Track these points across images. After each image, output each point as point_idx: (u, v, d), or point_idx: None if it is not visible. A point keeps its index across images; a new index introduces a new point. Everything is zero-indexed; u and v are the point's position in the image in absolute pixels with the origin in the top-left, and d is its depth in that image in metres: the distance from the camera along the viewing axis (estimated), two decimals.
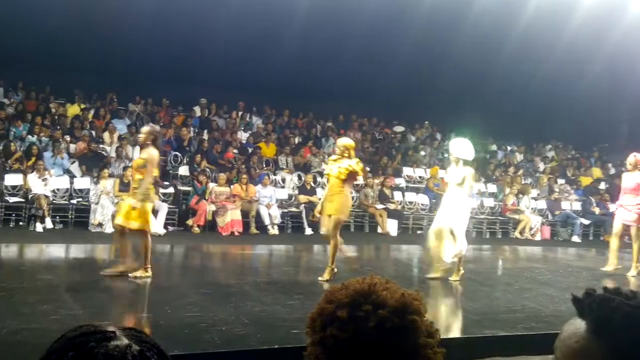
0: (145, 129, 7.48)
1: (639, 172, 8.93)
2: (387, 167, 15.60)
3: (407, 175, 15.95)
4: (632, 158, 9.06)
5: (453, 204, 7.77)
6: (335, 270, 7.42)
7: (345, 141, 7.64)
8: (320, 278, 7.38)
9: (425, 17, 15.92)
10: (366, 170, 13.59)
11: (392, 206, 14.06)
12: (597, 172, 18.67)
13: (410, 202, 14.76)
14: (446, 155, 17.69)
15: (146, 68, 15.34)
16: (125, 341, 1.00)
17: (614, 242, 9.14)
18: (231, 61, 15.90)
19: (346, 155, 7.37)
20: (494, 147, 19.27)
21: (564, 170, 18.34)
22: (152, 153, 6.99)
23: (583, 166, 18.90)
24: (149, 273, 7.01)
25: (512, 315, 6.42)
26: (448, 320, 5.89)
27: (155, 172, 7.09)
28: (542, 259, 11.43)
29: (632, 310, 1.18)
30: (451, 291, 7.50)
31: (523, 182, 16.49)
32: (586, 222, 15.41)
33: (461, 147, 8.04)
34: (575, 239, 14.99)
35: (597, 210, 15.64)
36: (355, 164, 7.35)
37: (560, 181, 17.14)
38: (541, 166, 18.51)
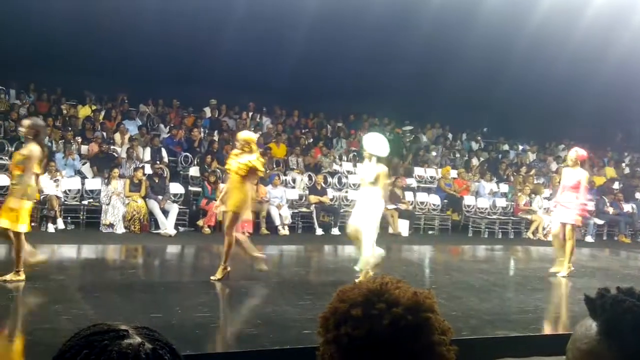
0: (26, 122, 6.86)
1: (581, 169, 8.39)
2: (398, 167, 15.55)
3: (418, 175, 15.89)
4: (574, 153, 8.50)
5: (364, 204, 7.31)
6: (229, 269, 6.98)
7: (245, 135, 7.27)
8: (212, 277, 6.96)
9: (435, 16, 15.87)
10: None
11: (403, 206, 14.00)
12: (610, 171, 18.52)
13: (422, 202, 14.70)
14: (458, 155, 17.62)
15: (157, 69, 15.39)
16: (138, 339, 1.00)
17: (556, 243, 8.67)
18: (241, 62, 15.92)
19: (247, 149, 6.99)
20: (505, 147, 19.16)
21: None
22: (33, 149, 6.47)
23: (596, 166, 18.74)
24: (22, 277, 6.48)
25: (525, 316, 6.37)
26: (460, 321, 5.83)
27: (37, 169, 6.55)
28: (554, 260, 11.33)
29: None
30: (463, 291, 7.45)
31: (535, 181, 16.37)
32: (600, 222, 15.27)
33: (374, 142, 7.48)
34: (589, 239, 14.86)
35: (610, 210, 15.50)
36: (255, 159, 6.96)
37: None
38: (553, 166, 18.38)
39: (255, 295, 6.50)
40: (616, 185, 17.24)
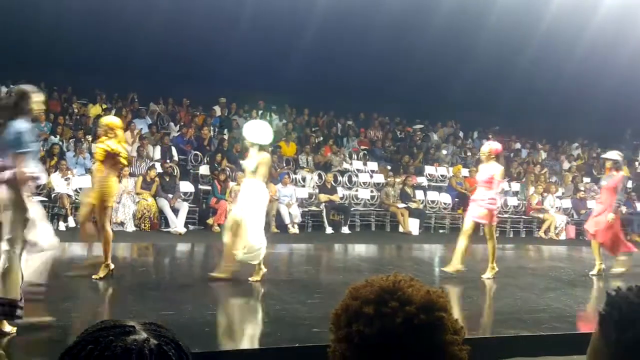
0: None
1: (495, 163, 7.81)
2: (408, 166, 15.49)
3: (429, 174, 15.82)
4: (487, 147, 8.03)
5: (247, 195, 6.91)
6: (112, 266, 6.60)
7: (108, 120, 6.85)
8: (94, 276, 6.55)
9: (447, 14, 15.79)
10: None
11: (413, 205, 13.95)
12: (624, 170, 18.34)
13: (432, 201, 14.64)
14: (469, 153, 17.53)
15: (167, 68, 15.42)
16: (144, 335, 1.01)
17: (461, 241, 7.86)
18: (251, 60, 15.92)
19: (111, 135, 6.46)
20: (517, 145, 19.04)
21: (589, 168, 18.04)
22: None
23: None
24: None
25: (536, 315, 6.31)
26: (471, 320, 5.80)
27: None
28: (566, 259, 11.26)
29: (628, 305, 1.22)
30: (474, 291, 7.40)
31: (547, 180, 16.26)
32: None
33: (255, 130, 7.12)
34: None
35: (623, 209, 15.35)
36: (114, 143, 6.41)
37: (586, 180, 16.86)
38: (566, 164, 18.25)
39: (265, 293, 6.49)
40: (630, 184, 17.09)
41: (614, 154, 8.95)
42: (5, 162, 4.46)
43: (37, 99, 4.68)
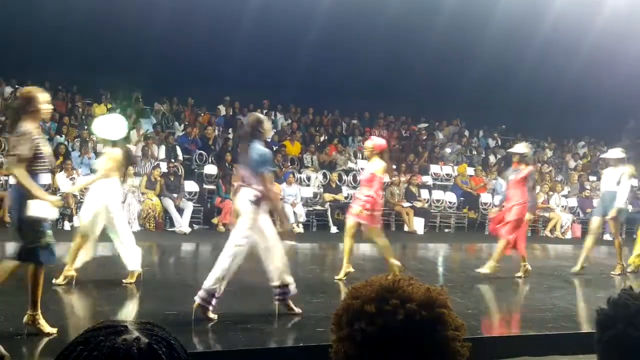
0: None
1: (379, 160, 7.25)
2: (413, 165, 15.46)
3: (434, 173, 15.78)
4: (370, 143, 7.48)
5: (99, 197, 6.41)
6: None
7: None
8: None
9: (451, 13, 15.75)
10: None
11: (418, 204, 13.92)
12: (632, 169, 18.24)
13: (438, 200, 14.60)
14: (475, 152, 17.48)
15: (171, 68, 15.45)
16: (135, 335, 1.00)
17: (345, 242, 7.40)
18: (256, 60, 15.93)
19: None
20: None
21: (595, 167, 17.97)
22: None
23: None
24: None
25: (542, 314, 6.28)
26: (476, 319, 5.77)
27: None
28: (572, 258, 11.17)
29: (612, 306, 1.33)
30: (480, 290, 7.37)
31: (553, 179, 16.20)
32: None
33: (105, 125, 6.59)
34: (607, 237, 14.65)
35: (630, 208, 15.27)
36: None
37: (592, 178, 16.79)
38: (571, 163, 18.18)
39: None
40: (635, 183, 17.00)
41: (520, 147, 8.38)
42: (252, 179, 5.34)
43: (43, 99, 4.70)
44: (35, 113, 4.61)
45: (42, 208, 4.50)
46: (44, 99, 4.69)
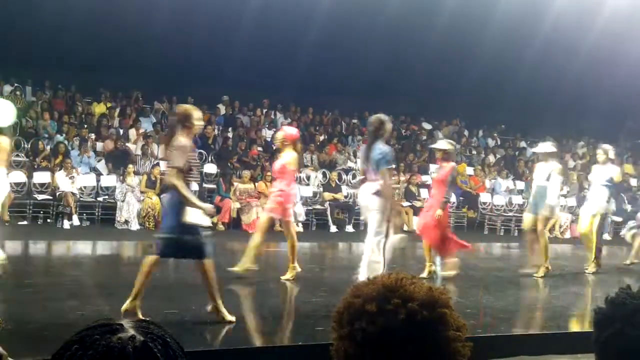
0: None
1: (291, 151, 7.03)
2: (413, 164, 15.46)
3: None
4: (280, 134, 7.43)
5: None
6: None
7: None
8: None
9: (451, 13, 15.74)
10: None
11: (418, 204, 13.91)
12: (628, 168, 18.28)
13: None
14: (474, 152, 17.49)
15: (171, 66, 15.43)
16: (130, 333, 1.00)
17: (255, 238, 7.16)
18: (256, 59, 15.92)
19: None
20: (522, 144, 18.98)
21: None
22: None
23: (614, 162, 18.51)
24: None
25: (540, 314, 6.30)
26: (475, 318, 5.78)
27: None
28: (571, 257, 11.22)
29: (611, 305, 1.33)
30: (478, 289, 7.38)
31: None
32: (617, 219, 15.07)
33: None
34: (606, 236, 14.66)
35: (628, 208, 15.30)
36: None
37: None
38: (571, 163, 18.19)
39: (269, 291, 6.48)
40: (634, 182, 17.02)
41: (443, 143, 8.13)
42: (373, 175, 5.87)
43: (197, 116, 5.16)
44: (190, 129, 5.06)
45: (197, 215, 4.93)
46: (197, 116, 5.15)
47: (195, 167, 5.12)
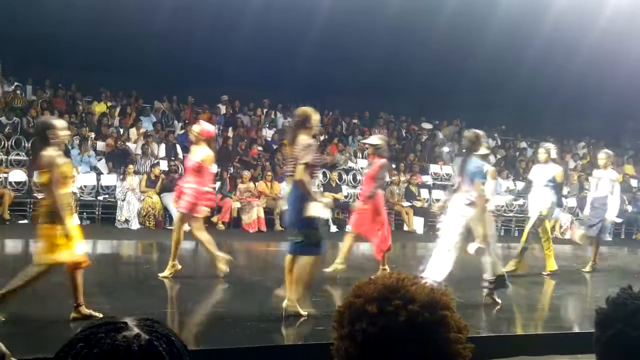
0: None
1: (206, 147, 6.89)
2: (413, 164, 15.47)
3: (434, 173, 15.78)
4: (197, 128, 7.17)
5: None
6: None
7: None
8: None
9: (452, 13, 15.74)
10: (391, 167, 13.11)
11: (418, 204, 13.93)
12: (629, 169, 18.29)
13: (437, 200, 14.56)
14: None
15: (172, 66, 15.43)
16: (135, 331, 1.01)
17: (174, 237, 6.94)
18: (256, 59, 15.91)
19: None
20: (523, 144, 18.98)
21: (595, 167, 17.97)
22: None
23: (615, 163, 18.51)
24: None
25: (541, 314, 6.30)
26: (475, 319, 5.78)
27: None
28: (571, 258, 11.22)
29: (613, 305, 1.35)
30: (479, 289, 7.37)
31: None
32: (618, 220, 15.06)
33: None
34: (607, 237, 14.68)
35: (629, 209, 15.30)
36: None
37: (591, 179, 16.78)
38: (571, 163, 18.20)
39: (269, 291, 6.47)
40: (635, 183, 17.02)
41: (373, 139, 7.90)
42: (467, 187, 6.27)
43: (316, 119, 5.59)
44: (310, 129, 5.50)
45: (318, 209, 5.32)
46: (316, 119, 5.61)
47: (318, 165, 5.55)
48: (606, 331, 1.30)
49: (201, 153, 6.81)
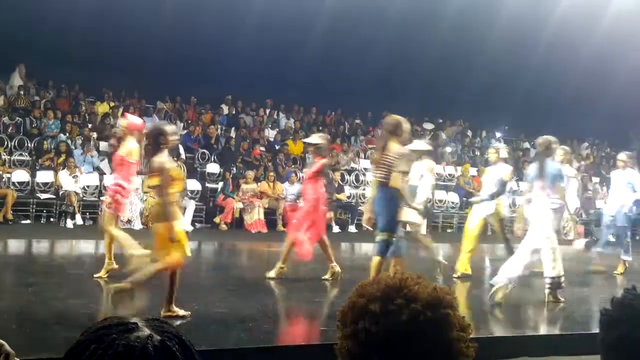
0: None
1: (133, 141, 6.63)
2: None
3: (436, 173, 15.73)
4: (124, 122, 6.87)
5: None
6: None
7: None
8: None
9: (455, 13, 15.73)
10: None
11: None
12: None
13: (440, 200, 14.58)
14: (477, 152, 17.46)
15: (174, 66, 15.44)
16: (147, 332, 1.00)
17: (106, 237, 6.64)
18: (259, 59, 15.91)
19: None
20: (526, 145, 18.94)
21: (598, 168, 17.94)
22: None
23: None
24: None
25: (543, 315, 6.28)
26: (477, 320, 5.76)
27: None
28: (574, 259, 11.18)
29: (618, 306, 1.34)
30: (481, 290, 7.36)
31: None
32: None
33: None
34: (610, 238, 14.61)
35: (633, 209, 15.21)
36: None
37: (595, 179, 16.77)
38: (575, 164, 18.16)
39: (271, 291, 6.48)
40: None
41: (314, 138, 7.61)
42: (549, 190, 6.51)
43: (406, 128, 5.99)
44: (400, 137, 5.78)
45: (411, 214, 5.72)
46: (406, 127, 5.92)
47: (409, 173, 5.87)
48: (612, 332, 1.28)
49: (126, 147, 6.56)
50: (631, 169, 9.01)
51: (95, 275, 6.63)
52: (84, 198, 11.73)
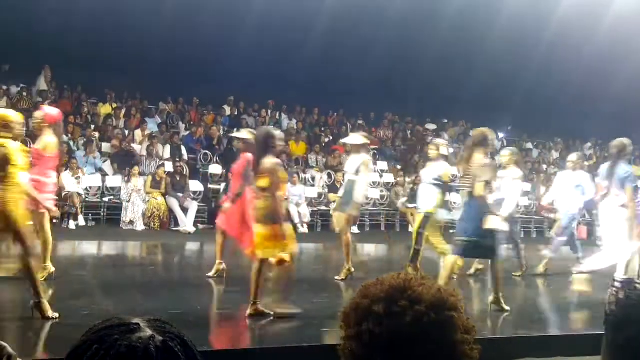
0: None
1: (50, 135, 6.13)
2: (418, 166, 15.41)
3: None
4: (39, 113, 6.38)
5: None
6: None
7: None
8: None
9: (457, 13, 15.72)
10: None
11: None
12: (637, 170, 18.20)
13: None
14: None
15: (177, 67, 15.46)
16: (149, 332, 1.00)
17: (41, 237, 6.23)
18: (261, 60, 15.92)
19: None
20: (529, 145, 18.92)
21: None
22: None
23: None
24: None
25: (547, 315, 6.27)
26: (481, 320, 5.75)
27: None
28: (574, 258, 11.15)
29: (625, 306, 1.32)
30: (484, 291, 7.34)
31: None
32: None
33: None
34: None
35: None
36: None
37: (598, 180, 16.70)
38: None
39: (273, 292, 6.46)
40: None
41: (243, 133, 7.42)
42: (618, 191, 6.91)
43: (492, 137, 6.39)
44: (486, 148, 6.18)
45: (497, 222, 5.88)
46: (492, 138, 6.30)
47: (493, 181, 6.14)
48: (618, 334, 1.27)
49: (43, 140, 6.10)
50: (581, 171, 8.95)
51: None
52: (87, 199, 11.74)
